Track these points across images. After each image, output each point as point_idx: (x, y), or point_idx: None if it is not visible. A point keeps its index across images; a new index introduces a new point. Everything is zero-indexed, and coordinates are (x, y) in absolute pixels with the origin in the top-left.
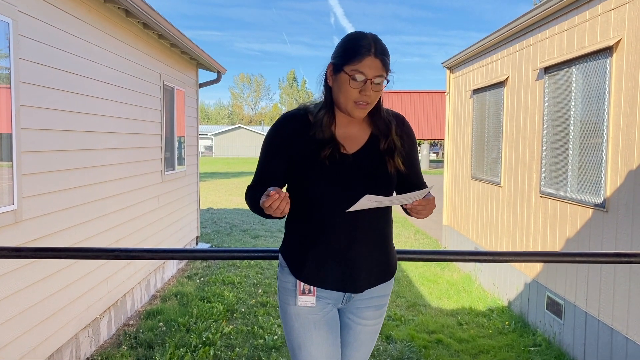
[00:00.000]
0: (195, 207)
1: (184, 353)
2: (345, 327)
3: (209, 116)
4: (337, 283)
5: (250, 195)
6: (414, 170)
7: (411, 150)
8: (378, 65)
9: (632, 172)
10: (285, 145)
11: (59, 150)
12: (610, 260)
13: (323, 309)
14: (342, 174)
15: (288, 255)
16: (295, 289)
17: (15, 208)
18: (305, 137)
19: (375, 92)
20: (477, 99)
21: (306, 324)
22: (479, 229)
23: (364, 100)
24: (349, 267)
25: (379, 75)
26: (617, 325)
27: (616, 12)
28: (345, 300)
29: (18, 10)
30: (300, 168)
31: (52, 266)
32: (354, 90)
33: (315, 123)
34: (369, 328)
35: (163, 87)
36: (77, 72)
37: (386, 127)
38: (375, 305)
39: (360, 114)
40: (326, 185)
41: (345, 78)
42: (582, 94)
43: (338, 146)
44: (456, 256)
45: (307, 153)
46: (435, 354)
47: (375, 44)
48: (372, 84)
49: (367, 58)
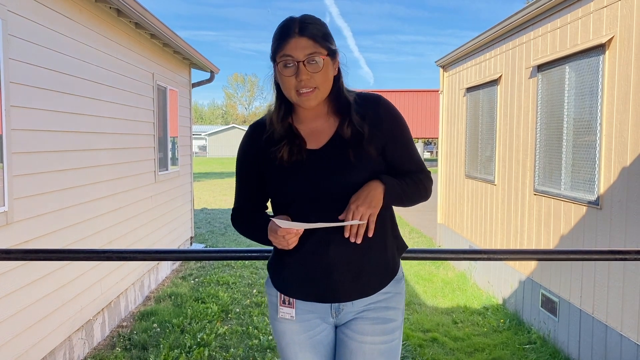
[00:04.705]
0: (189, 207)
1: (179, 354)
2: (340, 344)
3: (203, 116)
4: (315, 292)
5: (240, 222)
6: (403, 155)
7: (393, 132)
8: (307, 44)
9: (625, 169)
10: (251, 156)
11: (50, 151)
12: (604, 257)
13: (310, 330)
14: (308, 172)
15: (269, 265)
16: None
17: (6, 210)
18: (266, 141)
19: (315, 74)
20: (470, 97)
21: (291, 344)
22: (473, 227)
23: (304, 87)
24: (326, 273)
25: (310, 54)
26: (611, 322)
27: (608, 9)
28: (335, 313)
29: (8, 10)
30: (266, 174)
31: (44, 268)
32: (290, 78)
33: (269, 121)
34: (368, 347)
35: (156, 87)
36: (68, 72)
37: (356, 114)
38: (372, 318)
39: (308, 103)
40: (292, 186)
41: (279, 68)
42: (575, 91)
43: (300, 142)
44: (451, 255)
45: (269, 157)
46: (431, 352)
47: (300, 23)
48: (307, 65)
49: (291, 40)
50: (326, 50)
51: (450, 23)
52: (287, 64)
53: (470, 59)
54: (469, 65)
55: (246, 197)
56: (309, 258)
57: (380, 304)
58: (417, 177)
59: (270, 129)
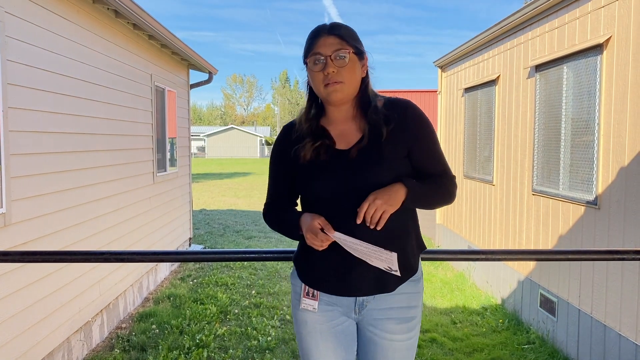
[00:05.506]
0: (188, 208)
1: (177, 355)
2: (370, 342)
3: (202, 117)
4: (338, 286)
5: (272, 217)
6: (428, 159)
7: (419, 136)
8: (334, 42)
9: (623, 169)
10: (284, 154)
11: (48, 153)
12: (602, 257)
13: (332, 320)
14: (336, 171)
15: (295, 257)
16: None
17: (4, 212)
18: (295, 140)
19: (342, 68)
20: (468, 97)
21: (313, 332)
22: (472, 228)
23: (331, 80)
24: (350, 269)
25: (337, 50)
26: (610, 322)
27: (606, 9)
28: (359, 309)
29: (5, 12)
30: (296, 171)
31: (42, 269)
32: (319, 74)
33: (298, 121)
34: (398, 344)
35: (154, 88)
36: (66, 73)
37: (374, 114)
38: (397, 318)
39: (335, 95)
40: (319, 184)
41: (309, 65)
42: (573, 91)
43: (330, 142)
44: (449, 255)
45: (299, 154)
46: (430, 352)
47: (330, 25)
48: (334, 60)
49: (320, 39)
50: (353, 48)
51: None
52: (316, 60)
53: (468, 59)
54: (467, 65)
55: (278, 193)
56: (335, 253)
57: (403, 303)
58: (440, 181)
59: (299, 129)
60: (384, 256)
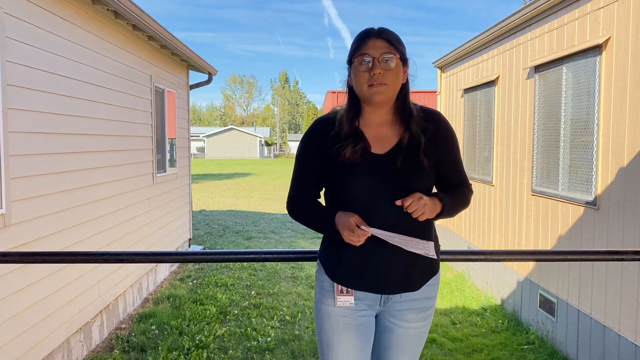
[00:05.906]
0: (188, 209)
1: (177, 356)
2: (386, 330)
3: (201, 118)
4: (370, 284)
5: (299, 210)
6: (453, 171)
7: (448, 149)
8: (382, 45)
9: (622, 170)
10: (315, 149)
11: (48, 154)
12: (602, 257)
13: (355, 313)
14: (370, 175)
15: (323, 256)
16: (331, 289)
17: (4, 212)
18: (333, 138)
19: (388, 72)
20: (468, 98)
21: (335, 325)
22: (471, 228)
23: (376, 81)
24: (380, 268)
25: (385, 53)
26: (609, 323)
27: (605, 10)
28: (383, 302)
29: (5, 12)
30: (329, 170)
31: (41, 270)
32: (365, 74)
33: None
34: (412, 331)
35: (153, 89)
36: (65, 74)
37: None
38: (417, 308)
39: (378, 96)
40: (353, 185)
41: (355, 65)
42: (572, 92)
43: (365, 145)
44: (449, 256)
45: (334, 154)
46: (429, 353)
47: (378, 29)
48: (381, 62)
49: (369, 40)
50: (399, 53)
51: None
52: (363, 60)
53: (467, 60)
54: (467, 66)
55: (306, 187)
56: (367, 253)
57: (423, 294)
58: (462, 191)
59: (338, 128)
60: (421, 245)
